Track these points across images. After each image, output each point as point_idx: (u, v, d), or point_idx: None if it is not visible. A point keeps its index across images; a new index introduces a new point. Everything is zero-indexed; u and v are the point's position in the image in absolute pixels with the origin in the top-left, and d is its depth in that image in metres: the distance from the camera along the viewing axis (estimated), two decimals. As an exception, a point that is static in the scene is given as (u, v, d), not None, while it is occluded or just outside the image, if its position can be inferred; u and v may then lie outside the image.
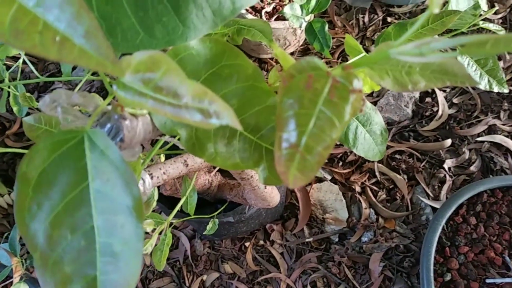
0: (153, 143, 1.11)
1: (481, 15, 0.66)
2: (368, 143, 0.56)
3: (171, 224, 0.70)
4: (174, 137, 0.27)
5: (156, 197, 0.45)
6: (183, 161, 0.41)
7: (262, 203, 0.64)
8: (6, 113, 1.27)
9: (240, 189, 0.80)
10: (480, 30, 1.07)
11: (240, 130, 0.27)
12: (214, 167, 0.91)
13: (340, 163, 1.17)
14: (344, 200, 1.13)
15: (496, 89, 0.70)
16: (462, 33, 0.66)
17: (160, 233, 0.64)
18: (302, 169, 0.19)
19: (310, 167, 0.19)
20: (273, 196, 0.60)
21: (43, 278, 0.18)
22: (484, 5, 0.71)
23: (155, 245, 0.63)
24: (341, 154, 1.18)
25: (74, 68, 1.26)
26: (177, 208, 0.70)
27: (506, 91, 0.69)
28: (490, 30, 0.71)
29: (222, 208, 0.92)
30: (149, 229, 0.59)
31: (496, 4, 1.32)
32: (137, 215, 0.19)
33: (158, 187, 0.87)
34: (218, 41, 0.28)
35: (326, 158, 0.19)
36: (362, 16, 1.36)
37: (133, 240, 0.19)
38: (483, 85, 0.70)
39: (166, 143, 0.49)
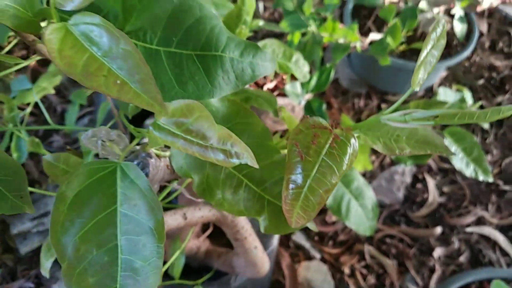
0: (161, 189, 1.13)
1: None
2: (360, 217, 0.59)
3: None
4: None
5: None
6: (182, 214, 0.44)
7: (251, 270, 0.64)
8: None
9: (229, 256, 0.80)
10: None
11: (245, 181, 0.31)
12: (203, 232, 0.92)
13: (331, 242, 1.18)
14: (332, 282, 1.11)
15: (481, 177, 0.74)
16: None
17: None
18: (305, 208, 0.22)
19: (312, 206, 0.22)
20: (263, 262, 0.61)
21: (68, 285, 0.20)
22: (469, 100, 0.78)
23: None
24: (331, 233, 1.20)
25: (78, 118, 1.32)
26: (163, 269, 0.70)
27: (490, 180, 0.73)
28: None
29: (207, 276, 0.91)
30: None
31: (482, 101, 1.42)
32: (158, 236, 0.21)
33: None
34: (234, 102, 0.32)
35: (325, 201, 0.22)
36: (357, 100, 1.45)
37: (153, 258, 0.21)
38: (469, 172, 0.75)
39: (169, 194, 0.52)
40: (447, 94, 0.80)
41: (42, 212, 1.14)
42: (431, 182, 1.26)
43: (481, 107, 1.35)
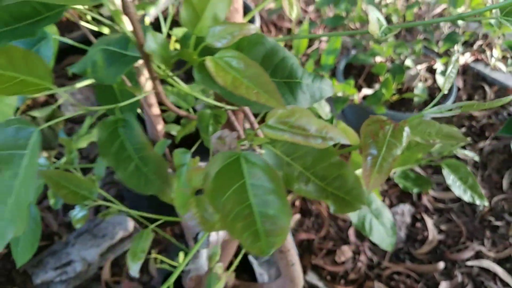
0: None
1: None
2: (381, 234, 0.68)
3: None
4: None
5: (218, 257, 0.54)
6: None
7: (287, 290, 0.71)
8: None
9: (258, 286, 0.87)
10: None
11: (312, 178, 0.40)
12: (229, 266, 0.97)
13: (342, 281, 1.24)
14: (347, 319, 1.16)
15: (478, 202, 0.85)
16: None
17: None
18: (379, 172, 0.32)
19: (385, 171, 0.32)
20: (300, 280, 0.68)
21: (225, 229, 0.29)
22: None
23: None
24: (342, 273, 1.26)
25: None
26: None
27: (486, 204, 0.84)
28: (465, 156, 0.90)
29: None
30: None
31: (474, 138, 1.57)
32: (280, 195, 0.31)
33: (181, 280, 0.92)
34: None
35: (392, 168, 0.31)
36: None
37: (281, 207, 0.30)
38: (466, 198, 0.85)
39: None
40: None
41: (64, 262, 1.18)
42: (429, 221, 1.36)
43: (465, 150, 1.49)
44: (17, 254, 0.72)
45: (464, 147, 1.35)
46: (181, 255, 0.92)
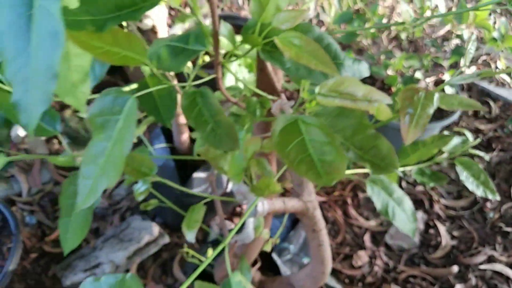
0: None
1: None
2: (403, 220, 0.74)
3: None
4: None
5: (262, 228, 0.60)
6: (283, 200, 0.58)
7: (315, 273, 0.76)
8: (48, 220, 1.40)
9: (284, 279, 0.91)
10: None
11: (351, 147, 0.47)
12: (254, 263, 1.02)
13: (360, 284, 1.28)
14: (365, 321, 1.19)
15: (490, 196, 0.91)
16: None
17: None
18: (416, 127, 0.38)
19: (420, 126, 0.38)
20: (329, 261, 0.74)
21: (292, 170, 0.36)
22: (471, 138, 0.97)
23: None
24: (359, 276, 1.30)
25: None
26: None
27: (498, 198, 0.90)
28: (478, 156, 0.96)
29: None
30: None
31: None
32: (334, 145, 0.38)
33: (212, 275, 0.97)
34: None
35: (427, 123, 0.38)
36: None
37: (336, 154, 0.37)
38: (479, 193, 0.91)
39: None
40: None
41: (93, 264, 1.23)
42: (442, 228, 1.41)
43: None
44: (66, 241, 0.77)
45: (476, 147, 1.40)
46: (210, 251, 0.98)
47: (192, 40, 0.52)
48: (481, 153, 0.95)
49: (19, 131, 1.55)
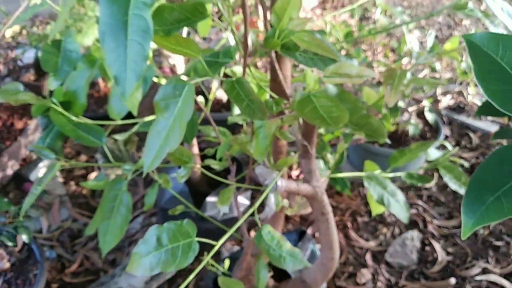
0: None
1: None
2: (398, 208, 0.86)
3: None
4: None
5: (281, 203, 0.71)
6: (297, 183, 0.71)
7: (325, 260, 0.86)
8: (67, 254, 1.47)
9: (296, 279, 1.01)
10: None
11: (350, 124, 0.62)
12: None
13: (365, 299, 1.35)
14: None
15: (471, 194, 1.04)
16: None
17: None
18: (395, 92, 0.53)
19: (398, 92, 0.53)
20: (337, 246, 0.84)
21: (310, 122, 0.50)
22: (450, 148, 1.12)
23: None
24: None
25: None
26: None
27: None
28: (460, 164, 1.11)
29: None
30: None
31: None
32: (337, 105, 0.52)
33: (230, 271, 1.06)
34: (339, 87, 0.65)
35: (402, 91, 0.53)
36: (362, 188, 1.77)
37: (340, 111, 0.52)
38: (462, 191, 1.04)
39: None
40: (434, 153, 1.14)
41: (113, 290, 1.30)
42: (437, 245, 1.51)
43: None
44: (104, 243, 0.87)
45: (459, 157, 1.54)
46: (227, 261, 1.07)
47: (221, 55, 0.69)
48: (461, 161, 1.10)
49: (40, 173, 1.67)
